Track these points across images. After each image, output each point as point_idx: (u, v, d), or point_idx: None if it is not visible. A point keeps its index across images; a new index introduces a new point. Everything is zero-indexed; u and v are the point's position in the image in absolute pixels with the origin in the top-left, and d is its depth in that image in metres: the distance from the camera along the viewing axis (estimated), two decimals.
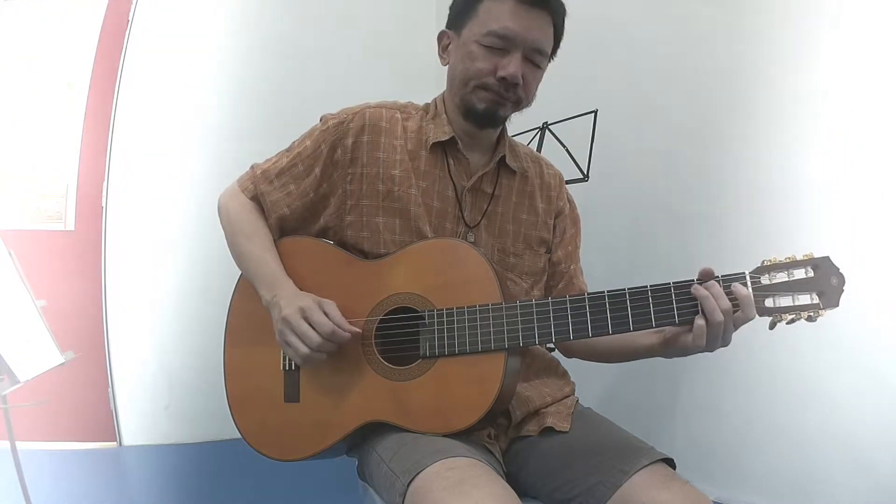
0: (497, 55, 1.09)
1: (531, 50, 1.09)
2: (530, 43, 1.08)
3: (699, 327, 0.93)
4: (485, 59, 1.09)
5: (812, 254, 0.93)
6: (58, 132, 2.95)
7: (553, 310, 1.00)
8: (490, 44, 1.08)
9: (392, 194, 1.14)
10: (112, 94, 2.97)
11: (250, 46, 3.16)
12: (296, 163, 1.18)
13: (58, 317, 2.02)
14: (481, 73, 1.10)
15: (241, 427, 1.17)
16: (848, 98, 1.90)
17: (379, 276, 1.11)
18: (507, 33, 1.07)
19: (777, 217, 2.06)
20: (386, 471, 0.98)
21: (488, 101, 1.11)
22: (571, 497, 1.01)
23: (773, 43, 2.10)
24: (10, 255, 1.88)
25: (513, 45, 1.08)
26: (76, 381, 2.75)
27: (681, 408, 2.36)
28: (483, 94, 1.11)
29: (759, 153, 2.13)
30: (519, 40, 1.08)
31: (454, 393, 1.02)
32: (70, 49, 2.95)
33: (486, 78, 1.10)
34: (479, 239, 1.17)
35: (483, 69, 1.09)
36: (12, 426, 1.74)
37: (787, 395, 2.03)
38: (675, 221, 2.40)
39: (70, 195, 2.96)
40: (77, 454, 2.82)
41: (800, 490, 1.99)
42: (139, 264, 2.97)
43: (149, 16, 3.00)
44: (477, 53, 1.10)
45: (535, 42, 1.09)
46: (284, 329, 1.06)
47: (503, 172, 1.22)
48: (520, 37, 1.07)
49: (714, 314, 0.92)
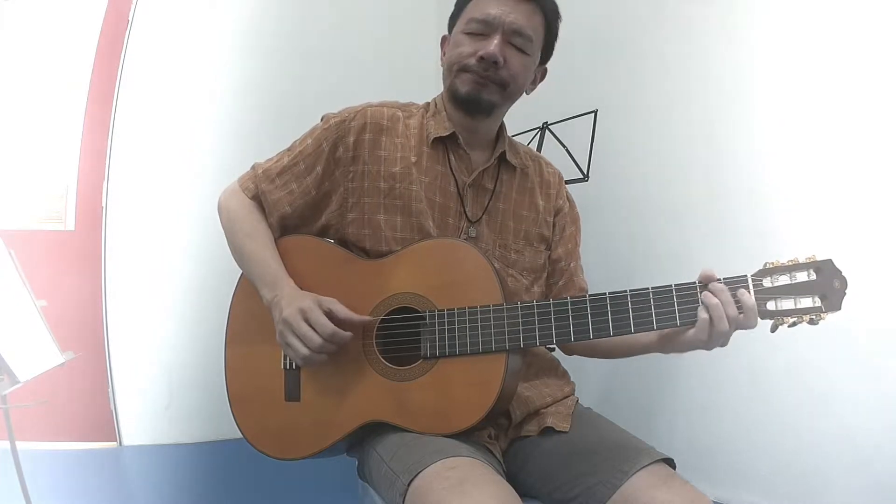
0: (478, 40, 1.12)
1: (511, 32, 1.11)
2: (509, 24, 1.10)
3: (702, 321, 0.94)
4: (467, 45, 1.12)
5: (814, 256, 0.93)
6: (58, 132, 2.94)
7: (554, 311, 1.00)
8: (472, 30, 1.12)
9: (394, 191, 1.14)
10: (112, 94, 2.96)
11: (250, 46, 3.15)
12: (297, 161, 1.18)
13: (58, 317, 2.02)
14: (462, 56, 1.12)
15: (241, 426, 1.17)
16: (849, 98, 1.89)
17: (380, 275, 1.11)
18: (487, 17, 1.11)
19: (777, 217, 2.06)
20: (386, 470, 0.99)
21: (470, 82, 1.12)
22: (571, 497, 1.01)
23: (773, 43, 2.10)
24: (10, 255, 1.88)
25: (492, 29, 1.11)
26: (76, 381, 2.74)
27: (681, 408, 2.36)
28: (465, 76, 1.13)
29: (760, 153, 2.13)
30: (497, 23, 1.10)
31: (455, 394, 1.02)
32: (70, 49, 2.95)
33: (466, 60, 1.12)
34: (480, 234, 1.18)
35: (464, 52, 1.12)
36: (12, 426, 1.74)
37: (787, 395, 2.03)
38: (675, 221, 2.40)
39: (70, 195, 2.96)
40: (77, 454, 2.82)
41: (800, 490, 1.99)
42: (139, 264, 2.97)
43: (149, 16, 3.00)
44: (460, 41, 1.13)
45: (515, 23, 1.11)
46: (285, 330, 1.06)
47: (503, 169, 1.22)
48: (498, 19, 1.10)
49: (721, 322, 0.92)
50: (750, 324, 0.93)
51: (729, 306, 0.93)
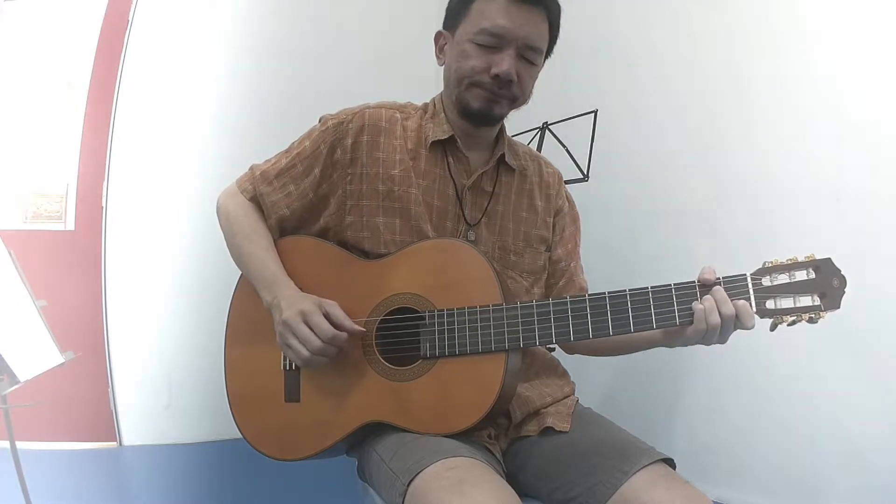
0: (490, 53, 1.09)
1: (524, 47, 1.09)
2: (523, 39, 1.08)
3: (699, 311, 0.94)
4: (478, 58, 1.09)
5: (813, 255, 0.93)
6: (58, 132, 2.94)
7: (554, 311, 1.00)
8: (483, 42, 1.09)
9: (392, 194, 1.14)
10: (112, 94, 2.96)
11: (250, 47, 3.15)
12: (295, 163, 1.18)
13: (58, 317, 2.01)
14: (474, 71, 1.10)
15: (241, 426, 1.17)
16: (849, 98, 1.89)
17: (380, 276, 1.11)
18: (499, 31, 1.07)
19: (777, 216, 2.06)
20: (386, 471, 0.98)
21: (483, 99, 1.11)
22: (571, 497, 1.01)
23: (772, 43, 2.10)
24: (10, 255, 1.88)
25: (505, 43, 1.08)
26: (76, 381, 2.74)
27: (681, 408, 2.36)
28: (477, 91, 1.11)
29: (760, 153, 2.13)
30: (511, 37, 1.08)
31: (454, 394, 1.02)
32: (70, 49, 2.95)
33: (479, 76, 1.10)
34: (480, 237, 1.17)
35: (476, 67, 1.10)
36: (12, 426, 1.74)
37: (787, 395, 2.03)
38: (676, 222, 2.40)
39: (70, 195, 2.96)
40: (77, 454, 2.82)
41: (800, 490, 1.99)
42: (139, 264, 2.97)
43: (149, 16, 3.00)
44: (470, 52, 1.10)
45: (528, 38, 1.09)
46: (285, 332, 1.06)
47: (503, 170, 1.22)
48: (512, 34, 1.07)
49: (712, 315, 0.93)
50: (746, 326, 0.94)
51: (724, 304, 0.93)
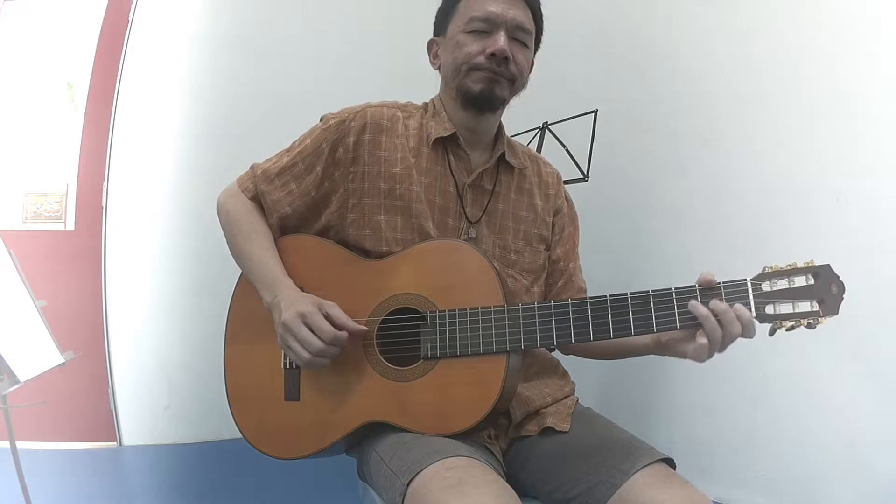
0: (483, 38, 1.13)
1: (514, 28, 1.13)
2: (511, 20, 1.13)
3: (702, 346, 0.94)
4: (472, 43, 1.13)
5: (813, 261, 0.93)
6: (58, 132, 2.94)
7: (555, 313, 1.00)
8: (474, 28, 1.13)
9: (394, 192, 1.14)
10: (112, 94, 2.96)
11: (250, 46, 3.15)
12: (296, 161, 1.18)
13: (58, 317, 2.02)
14: (471, 56, 1.13)
15: (240, 425, 1.17)
16: (849, 98, 1.89)
17: (381, 276, 1.11)
18: (489, 16, 1.12)
19: (777, 216, 2.06)
20: (386, 471, 0.98)
21: (483, 80, 1.13)
22: (571, 497, 1.01)
23: (772, 43, 2.10)
24: (10, 255, 1.88)
25: (495, 26, 1.13)
26: (76, 381, 2.74)
27: (681, 408, 2.36)
28: (477, 74, 1.14)
29: (760, 153, 2.13)
30: (500, 20, 1.12)
31: (455, 394, 1.02)
32: (70, 49, 2.95)
33: (476, 58, 1.13)
34: (480, 235, 1.18)
35: (472, 52, 1.13)
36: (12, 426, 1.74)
37: (787, 396, 2.03)
38: (675, 222, 2.40)
39: (70, 195, 2.96)
40: (77, 454, 2.82)
41: (800, 490, 1.99)
42: (139, 264, 2.97)
43: (149, 16, 3.00)
44: (464, 41, 1.14)
45: (516, 19, 1.13)
46: (285, 334, 1.06)
47: (503, 169, 1.23)
48: (500, 17, 1.12)
49: (715, 332, 0.92)
50: (747, 335, 0.94)
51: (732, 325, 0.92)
